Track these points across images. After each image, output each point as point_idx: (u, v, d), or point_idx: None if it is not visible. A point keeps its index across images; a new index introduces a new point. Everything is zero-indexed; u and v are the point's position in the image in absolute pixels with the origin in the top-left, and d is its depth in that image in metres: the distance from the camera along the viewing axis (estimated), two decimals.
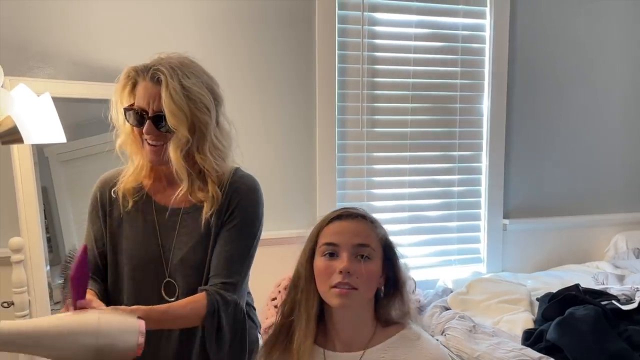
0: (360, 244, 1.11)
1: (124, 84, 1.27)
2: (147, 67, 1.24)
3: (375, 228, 1.16)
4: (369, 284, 1.12)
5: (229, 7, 2.41)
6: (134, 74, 1.25)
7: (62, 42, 2.21)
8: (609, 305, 2.04)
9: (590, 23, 2.95)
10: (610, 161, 3.06)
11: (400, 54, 2.68)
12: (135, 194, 1.31)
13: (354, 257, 1.10)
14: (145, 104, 1.23)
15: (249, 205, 1.33)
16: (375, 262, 1.13)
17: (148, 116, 1.23)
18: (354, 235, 1.12)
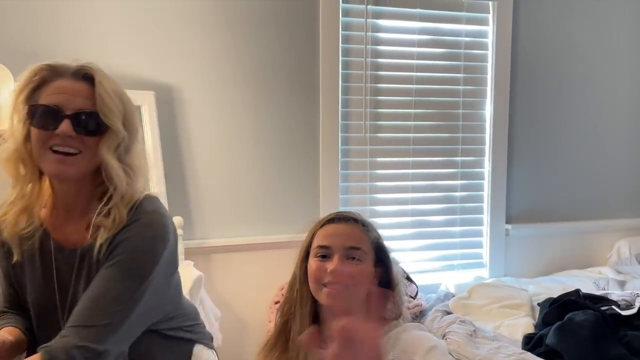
0: (352, 247, 1.16)
1: (29, 81, 1.06)
2: (67, 66, 1.09)
3: (367, 231, 1.20)
4: (360, 287, 1.14)
5: (233, 15, 2.45)
6: (47, 72, 1.07)
7: (69, 49, 2.25)
8: (609, 310, 2.05)
9: (592, 29, 2.96)
10: (613, 167, 3.07)
11: (404, 60, 2.71)
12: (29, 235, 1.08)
13: (345, 259, 1.15)
14: (62, 101, 1.05)
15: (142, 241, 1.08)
16: (366, 264, 1.17)
17: (65, 115, 1.04)
18: (346, 238, 1.17)
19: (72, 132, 1.04)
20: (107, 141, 1.07)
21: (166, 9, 2.37)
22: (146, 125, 2.27)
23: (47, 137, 1.04)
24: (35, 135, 1.04)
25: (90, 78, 1.09)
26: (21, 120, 1.05)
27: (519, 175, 2.91)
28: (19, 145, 1.05)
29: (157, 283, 1.08)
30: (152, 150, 2.25)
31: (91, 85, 1.08)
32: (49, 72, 1.07)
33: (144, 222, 1.08)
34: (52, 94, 1.05)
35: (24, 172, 1.07)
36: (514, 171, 2.89)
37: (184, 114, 2.42)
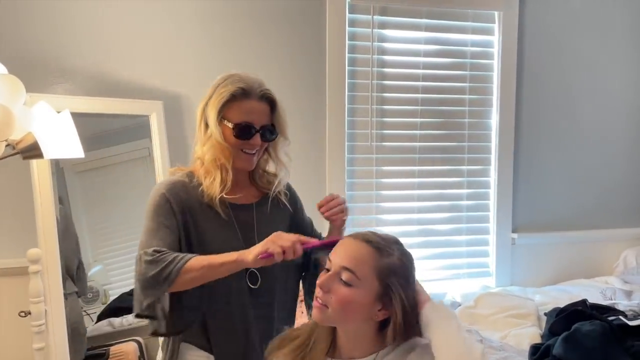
0: (346, 268, 1.06)
1: (228, 99, 1.37)
2: (252, 88, 1.39)
3: (377, 259, 1.07)
4: (344, 310, 1.06)
5: (241, 24, 2.47)
6: (241, 93, 1.37)
7: (79, 59, 2.28)
8: (616, 320, 2.05)
9: (596, 37, 2.97)
10: (619, 176, 3.07)
11: (410, 70, 2.73)
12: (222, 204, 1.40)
13: (338, 278, 1.07)
14: (254, 119, 1.38)
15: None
16: (357, 292, 1.05)
17: (257, 130, 1.38)
18: (346, 257, 1.08)
19: (259, 142, 1.40)
20: (277, 145, 1.47)
21: (173, 17, 2.39)
22: (154, 135, 2.29)
23: (242, 144, 1.38)
24: (233, 141, 1.37)
25: (271, 101, 1.42)
26: (217, 126, 1.36)
27: (525, 184, 2.91)
28: (216, 147, 1.37)
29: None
30: (160, 161, 2.27)
31: (268, 105, 1.41)
32: (240, 92, 1.37)
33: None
34: (246, 112, 1.37)
35: (223, 161, 1.38)
36: (520, 180, 2.90)
37: (192, 124, 2.42)
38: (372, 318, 1.08)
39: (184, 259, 1.28)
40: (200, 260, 1.28)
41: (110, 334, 2.35)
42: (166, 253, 1.30)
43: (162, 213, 1.36)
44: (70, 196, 2.31)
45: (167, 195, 1.37)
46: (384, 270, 1.07)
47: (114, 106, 2.20)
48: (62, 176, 2.26)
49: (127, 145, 2.44)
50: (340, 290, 1.06)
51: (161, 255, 1.29)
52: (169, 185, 1.40)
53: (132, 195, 2.47)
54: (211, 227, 1.39)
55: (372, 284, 1.06)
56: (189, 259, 1.28)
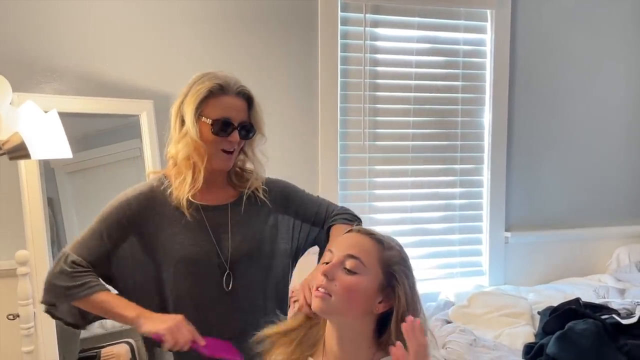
0: (351, 255, 1.07)
1: (205, 95, 1.35)
2: (229, 84, 1.37)
3: (380, 250, 1.09)
4: (348, 298, 1.06)
5: (233, 23, 2.45)
6: (218, 89, 1.35)
7: (68, 58, 2.26)
8: (609, 319, 2.05)
9: (589, 36, 2.97)
10: (613, 174, 3.07)
11: (402, 69, 2.71)
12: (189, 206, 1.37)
13: (342, 267, 1.07)
14: (232, 115, 1.36)
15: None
16: (362, 279, 1.06)
17: (235, 126, 1.36)
18: (349, 246, 1.09)
19: (238, 139, 1.37)
20: (254, 142, 1.43)
21: (164, 16, 2.37)
22: (144, 135, 2.27)
23: (220, 141, 1.35)
24: (211, 139, 1.34)
25: (248, 97, 1.39)
26: (194, 124, 1.33)
27: (518, 183, 2.91)
28: (191, 145, 1.34)
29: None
30: (150, 161, 2.25)
31: (245, 101, 1.39)
32: (217, 87, 1.35)
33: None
34: (224, 108, 1.35)
35: (196, 159, 1.35)
36: (513, 179, 2.89)
37: None
38: (372, 311, 1.08)
39: (93, 289, 1.31)
40: (105, 297, 1.31)
41: (101, 336, 2.32)
42: (82, 274, 1.32)
43: (108, 222, 1.37)
44: (61, 197, 2.28)
45: (124, 205, 1.38)
46: (387, 260, 1.09)
47: (104, 106, 2.17)
48: (52, 177, 2.24)
49: (118, 146, 2.42)
50: (345, 277, 1.06)
51: (76, 273, 1.32)
52: (135, 192, 1.39)
53: None
54: (180, 231, 1.37)
55: (377, 273, 1.08)
56: (97, 292, 1.31)
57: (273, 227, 1.46)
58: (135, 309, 1.30)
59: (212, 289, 1.37)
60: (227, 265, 1.37)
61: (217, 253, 1.37)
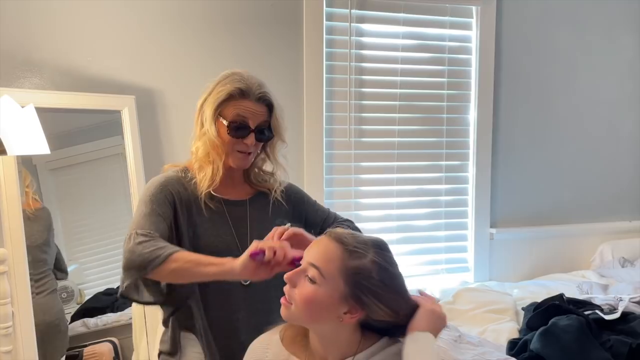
0: (312, 264, 1.05)
1: (225, 98, 1.39)
2: (251, 89, 1.40)
3: (345, 259, 1.04)
4: (306, 309, 1.04)
5: (216, 19, 2.42)
6: (239, 93, 1.38)
7: (48, 52, 2.21)
8: (592, 315, 2.06)
9: (574, 32, 2.99)
10: (596, 170, 3.09)
11: (388, 65, 2.70)
12: (211, 199, 1.42)
13: (304, 275, 1.05)
14: (249, 118, 1.39)
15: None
16: (320, 290, 1.03)
17: (251, 129, 1.40)
18: (314, 254, 1.07)
19: (254, 142, 1.41)
20: (275, 145, 1.48)
21: (147, 11, 2.34)
22: (126, 131, 2.23)
23: (236, 142, 1.40)
24: (228, 139, 1.39)
25: (269, 103, 1.43)
26: (212, 123, 1.38)
27: (503, 180, 2.91)
28: (211, 143, 1.39)
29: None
30: (132, 157, 2.22)
31: (265, 106, 1.42)
32: (238, 92, 1.38)
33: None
34: (242, 111, 1.39)
35: (214, 157, 1.40)
36: (498, 175, 2.90)
37: (166, 119, 2.39)
38: (339, 320, 1.05)
39: (174, 247, 1.28)
40: (189, 254, 1.29)
41: (84, 335, 2.31)
42: (158, 238, 1.30)
43: (156, 201, 1.37)
44: (43, 194, 2.25)
45: (162, 186, 1.40)
46: (350, 271, 1.03)
47: (84, 101, 2.13)
48: (35, 174, 2.21)
49: (101, 142, 2.40)
50: (304, 287, 1.04)
51: (153, 239, 1.29)
52: (165, 178, 1.43)
53: (106, 193, 2.44)
54: (204, 221, 1.41)
55: (338, 284, 1.03)
56: (179, 250, 1.28)
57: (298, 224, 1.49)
58: (223, 258, 1.27)
59: (232, 282, 1.38)
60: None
61: (237, 246, 1.40)
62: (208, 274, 1.27)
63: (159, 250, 1.26)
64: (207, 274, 1.27)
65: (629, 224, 3.11)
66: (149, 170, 2.27)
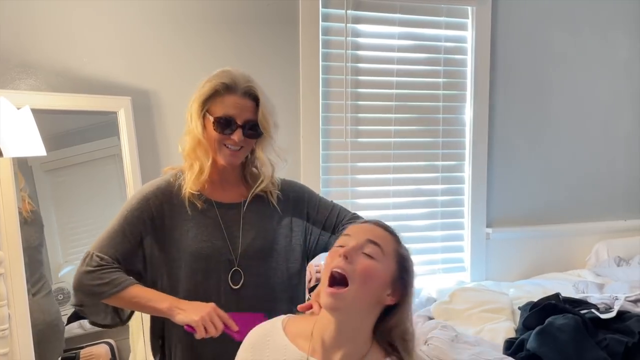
0: (371, 240, 1.06)
1: (210, 94, 1.38)
2: (237, 83, 1.38)
3: (395, 242, 1.11)
4: (365, 282, 1.03)
5: (212, 19, 2.42)
6: (223, 88, 1.37)
7: (44, 54, 2.21)
8: (589, 314, 2.06)
9: (569, 32, 3.00)
10: (592, 170, 3.11)
11: (384, 65, 2.71)
12: (197, 199, 1.41)
13: (361, 252, 1.06)
14: (236, 114, 1.37)
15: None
16: (380, 266, 1.06)
17: (238, 125, 1.37)
18: (368, 232, 1.09)
19: (242, 137, 1.37)
20: (262, 143, 1.44)
21: (143, 12, 2.33)
22: (122, 132, 2.23)
23: (223, 138, 1.37)
24: (215, 136, 1.37)
25: (255, 97, 1.39)
26: (198, 120, 1.37)
27: (499, 179, 2.92)
28: (197, 140, 1.38)
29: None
30: (128, 158, 2.22)
31: (252, 101, 1.39)
32: (223, 87, 1.37)
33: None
34: (228, 106, 1.37)
35: (199, 154, 1.38)
36: (494, 175, 2.91)
37: (162, 120, 2.39)
38: (381, 302, 1.07)
39: (122, 284, 1.31)
40: (136, 291, 1.32)
41: (80, 337, 2.30)
42: (109, 270, 1.32)
43: (130, 218, 1.38)
44: (39, 196, 2.24)
45: (144, 200, 1.39)
46: (402, 255, 1.11)
47: (80, 102, 2.13)
48: (30, 175, 2.20)
49: (97, 144, 2.39)
50: (364, 260, 1.05)
51: (103, 271, 1.32)
52: (152, 190, 1.41)
53: (102, 194, 2.43)
54: (194, 227, 1.39)
55: (391, 264, 1.08)
56: (126, 287, 1.32)
57: (287, 228, 1.48)
58: (168, 300, 1.31)
59: (221, 285, 1.39)
60: (236, 263, 1.40)
61: (229, 250, 1.39)
62: (151, 313, 1.36)
63: (106, 285, 1.31)
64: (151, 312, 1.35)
65: (624, 223, 3.13)
66: (145, 171, 2.27)
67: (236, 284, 1.39)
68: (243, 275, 1.40)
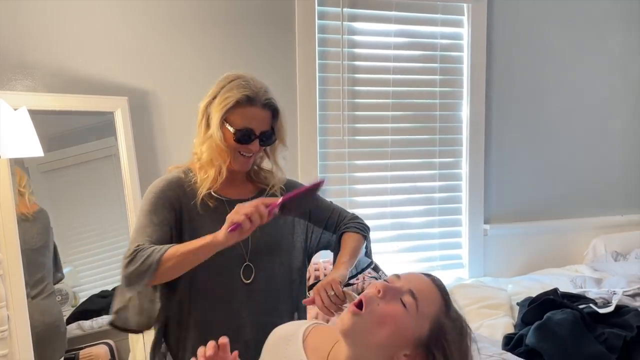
0: (412, 292, 0.97)
1: (233, 105, 1.39)
2: (257, 95, 1.41)
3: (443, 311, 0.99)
4: (380, 322, 0.96)
5: (209, 18, 2.42)
6: (245, 100, 1.39)
7: (40, 54, 2.20)
8: (587, 309, 2.08)
9: (565, 29, 3.01)
10: (588, 166, 3.11)
11: (380, 63, 2.71)
12: (209, 198, 1.43)
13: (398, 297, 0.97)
14: (255, 125, 1.41)
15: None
16: (406, 317, 0.96)
17: (256, 135, 1.41)
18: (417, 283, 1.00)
19: (258, 147, 1.42)
20: (275, 149, 1.50)
21: (139, 13, 2.33)
22: (119, 132, 2.23)
23: (240, 147, 1.41)
24: (232, 145, 1.41)
25: (274, 109, 1.44)
26: (218, 129, 1.39)
27: (496, 176, 2.93)
28: (215, 146, 1.40)
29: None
30: (126, 158, 2.21)
31: (270, 112, 1.44)
32: (245, 99, 1.39)
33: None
34: (249, 119, 1.40)
35: (219, 160, 1.41)
36: (492, 171, 2.92)
37: (159, 120, 2.38)
38: (392, 357, 0.97)
39: (161, 250, 1.30)
40: (177, 248, 1.31)
41: (80, 338, 2.30)
42: (144, 248, 1.32)
43: (154, 210, 1.39)
44: (36, 197, 2.24)
45: (162, 192, 1.41)
46: (440, 325, 0.98)
47: (76, 103, 2.13)
48: (27, 176, 2.19)
49: (94, 144, 2.39)
50: (395, 305, 0.96)
51: (139, 252, 1.31)
52: (165, 182, 1.43)
53: (100, 194, 2.43)
54: (206, 221, 1.41)
55: (423, 326, 0.97)
56: (167, 249, 1.30)
57: (291, 225, 1.52)
58: (205, 237, 1.30)
59: (233, 280, 1.41)
60: (247, 257, 1.42)
61: (240, 244, 1.40)
62: (200, 257, 1.30)
63: (147, 259, 1.29)
64: (199, 253, 1.30)
65: (621, 218, 3.14)
66: (143, 171, 2.27)
67: (248, 278, 1.42)
68: (254, 270, 1.43)
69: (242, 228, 1.24)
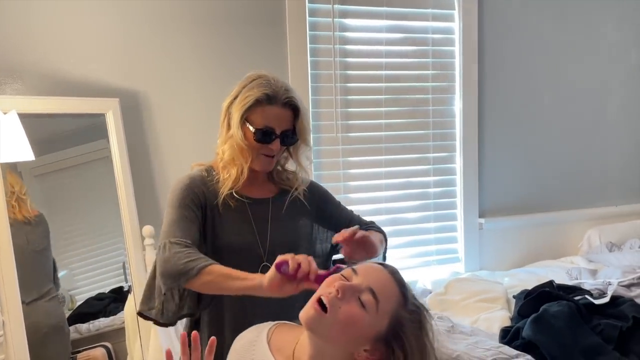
0: (372, 290, 0.98)
1: (252, 104, 1.39)
2: (278, 94, 1.41)
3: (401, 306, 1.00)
4: (343, 328, 0.97)
5: (199, 17, 2.41)
6: (265, 99, 1.39)
7: (29, 57, 2.18)
8: (582, 300, 2.08)
9: (557, 21, 3.01)
10: (582, 157, 3.12)
11: (372, 59, 2.70)
12: (231, 198, 1.44)
13: (357, 295, 0.98)
14: (276, 124, 1.41)
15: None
16: (367, 319, 0.97)
17: (277, 135, 1.41)
18: (376, 280, 1.00)
19: (279, 147, 1.42)
20: (297, 148, 1.49)
21: (129, 13, 2.31)
22: (111, 135, 2.22)
23: (262, 147, 1.41)
24: (253, 144, 1.41)
25: (295, 107, 1.43)
26: (239, 128, 1.39)
27: (490, 169, 2.93)
28: (237, 146, 1.40)
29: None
30: (118, 160, 2.20)
31: (291, 111, 1.43)
32: (265, 97, 1.39)
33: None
34: (269, 118, 1.40)
35: (240, 160, 1.42)
36: (486, 165, 2.92)
37: (151, 121, 2.37)
38: (353, 353, 0.99)
39: (207, 260, 1.31)
40: (221, 268, 1.30)
41: (77, 341, 2.29)
42: (191, 248, 1.34)
43: (184, 205, 1.40)
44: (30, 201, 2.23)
45: (188, 188, 1.42)
46: (398, 319, 0.99)
47: (67, 105, 2.11)
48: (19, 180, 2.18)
49: (86, 146, 2.38)
50: (354, 307, 0.97)
51: (187, 249, 1.32)
52: (189, 179, 1.45)
53: (94, 197, 2.42)
54: (226, 220, 1.43)
55: (382, 323, 0.98)
56: (212, 263, 1.31)
57: (311, 227, 1.53)
58: (255, 275, 1.27)
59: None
60: (265, 257, 1.42)
61: (258, 244, 1.42)
62: (238, 289, 1.28)
63: (192, 262, 1.29)
64: (237, 289, 1.28)
65: (615, 209, 3.15)
66: (136, 172, 2.26)
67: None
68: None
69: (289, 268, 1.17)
